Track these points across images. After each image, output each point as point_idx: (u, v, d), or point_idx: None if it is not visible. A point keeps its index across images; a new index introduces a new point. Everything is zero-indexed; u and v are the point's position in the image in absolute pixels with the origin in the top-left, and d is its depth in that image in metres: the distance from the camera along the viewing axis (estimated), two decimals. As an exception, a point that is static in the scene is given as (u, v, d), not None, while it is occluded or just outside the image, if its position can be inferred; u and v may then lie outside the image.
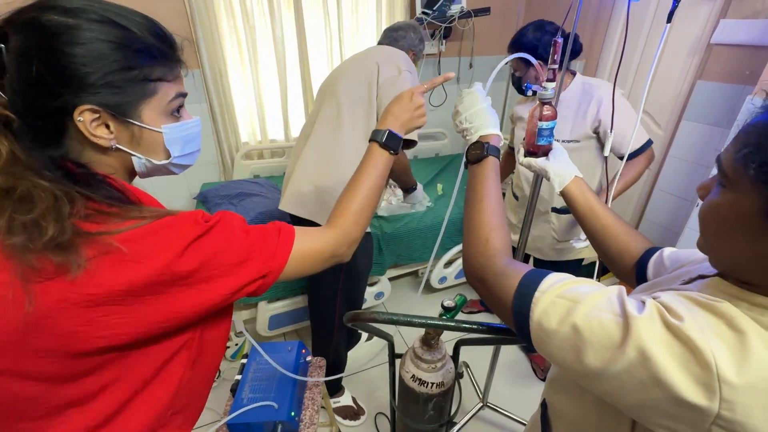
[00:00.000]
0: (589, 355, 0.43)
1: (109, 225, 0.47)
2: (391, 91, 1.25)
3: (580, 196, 0.75)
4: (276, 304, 1.83)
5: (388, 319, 0.86)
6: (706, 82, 1.89)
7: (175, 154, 0.58)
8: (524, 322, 0.49)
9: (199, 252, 0.49)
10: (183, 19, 2.04)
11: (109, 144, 0.51)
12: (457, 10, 2.45)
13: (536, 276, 0.51)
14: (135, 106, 0.51)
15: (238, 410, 1.03)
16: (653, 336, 0.40)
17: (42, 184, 0.44)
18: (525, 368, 1.90)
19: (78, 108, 0.47)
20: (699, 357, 0.37)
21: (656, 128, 2.23)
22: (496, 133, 0.70)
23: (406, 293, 2.36)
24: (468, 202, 0.65)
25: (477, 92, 0.73)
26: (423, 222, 2.00)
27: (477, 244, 0.60)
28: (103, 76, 0.47)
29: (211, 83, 2.17)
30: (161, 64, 0.52)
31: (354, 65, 1.35)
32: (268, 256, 0.56)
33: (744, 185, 0.40)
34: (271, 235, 0.58)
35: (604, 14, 2.37)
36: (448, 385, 0.99)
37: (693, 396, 0.37)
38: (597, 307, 0.44)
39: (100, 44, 0.46)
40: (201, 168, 2.47)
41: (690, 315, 0.40)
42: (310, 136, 1.33)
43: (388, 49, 1.39)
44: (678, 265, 0.62)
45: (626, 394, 0.41)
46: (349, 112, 1.28)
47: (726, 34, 1.76)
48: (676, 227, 2.14)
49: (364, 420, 1.67)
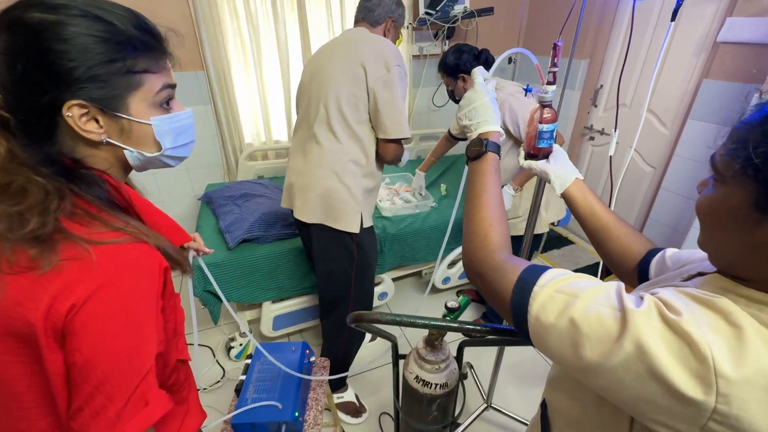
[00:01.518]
0: (586, 349, 0.43)
1: (92, 229, 0.48)
2: (383, 94, 1.23)
3: (581, 198, 0.75)
4: (280, 304, 1.83)
5: (392, 320, 0.86)
6: (712, 80, 1.87)
7: (167, 146, 0.58)
8: (522, 316, 0.49)
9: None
10: (187, 21, 2.05)
11: (100, 138, 0.51)
12: (461, 11, 2.45)
13: (535, 271, 0.51)
14: (122, 98, 0.51)
15: (242, 409, 1.03)
16: (650, 330, 0.40)
17: (36, 180, 0.46)
18: (529, 369, 1.89)
19: (66, 103, 0.48)
20: (696, 351, 0.37)
21: (662, 128, 2.21)
22: (496, 130, 0.70)
23: (409, 294, 2.35)
24: (467, 197, 0.66)
25: (478, 87, 0.73)
26: (427, 222, 1.99)
27: (476, 239, 0.60)
28: (88, 70, 0.47)
29: (215, 84, 2.18)
30: (146, 56, 0.52)
31: (338, 67, 1.26)
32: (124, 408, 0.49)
33: (733, 179, 0.41)
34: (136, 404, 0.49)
35: (608, 13, 2.36)
36: (451, 386, 0.98)
37: (690, 390, 0.37)
38: (595, 301, 0.44)
39: (84, 39, 0.47)
40: (205, 169, 2.49)
41: (688, 310, 0.40)
42: (306, 148, 1.34)
43: (369, 40, 1.28)
44: (679, 265, 0.62)
45: (623, 388, 0.42)
46: (341, 121, 1.27)
47: (732, 32, 1.74)
48: (682, 227, 2.12)
49: (365, 418, 1.67)
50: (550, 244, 2.86)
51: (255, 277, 1.72)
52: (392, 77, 1.23)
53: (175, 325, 0.63)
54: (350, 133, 1.28)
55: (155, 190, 2.42)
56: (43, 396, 0.49)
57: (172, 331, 0.61)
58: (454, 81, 1.69)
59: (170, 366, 0.62)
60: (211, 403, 1.67)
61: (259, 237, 1.74)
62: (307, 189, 1.32)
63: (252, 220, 1.78)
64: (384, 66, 1.23)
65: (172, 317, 0.61)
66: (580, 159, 2.79)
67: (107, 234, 0.49)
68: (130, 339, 0.48)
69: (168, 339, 0.59)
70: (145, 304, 0.50)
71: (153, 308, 0.52)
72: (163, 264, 0.54)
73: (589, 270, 2.57)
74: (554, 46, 0.78)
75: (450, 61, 1.65)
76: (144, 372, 0.49)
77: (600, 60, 2.48)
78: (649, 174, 2.34)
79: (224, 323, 2.06)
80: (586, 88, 2.59)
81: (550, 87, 0.77)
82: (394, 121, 1.25)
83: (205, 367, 1.86)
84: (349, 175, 1.30)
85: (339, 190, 1.29)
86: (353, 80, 1.23)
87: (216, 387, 1.76)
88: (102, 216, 0.50)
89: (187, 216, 2.59)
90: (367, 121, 1.29)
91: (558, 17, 2.58)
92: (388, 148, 1.32)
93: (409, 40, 2.57)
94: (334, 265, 1.42)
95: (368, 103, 1.26)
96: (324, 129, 1.29)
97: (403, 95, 1.28)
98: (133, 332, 0.49)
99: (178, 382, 0.66)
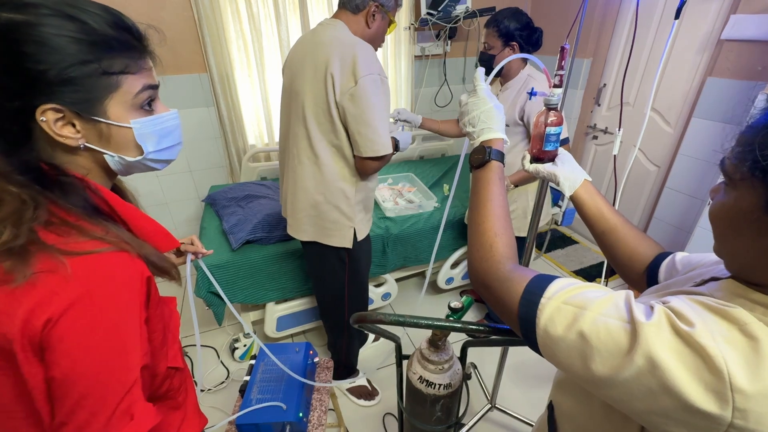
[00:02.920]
0: (596, 362, 0.42)
1: (68, 239, 0.46)
2: (351, 110, 1.11)
3: (590, 200, 0.75)
4: (284, 305, 1.84)
5: (395, 321, 0.86)
6: (716, 78, 1.86)
7: (150, 150, 0.55)
8: (531, 328, 0.49)
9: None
10: (190, 24, 2.06)
11: (77, 144, 0.49)
12: (462, 10, 2.44)
13: (542, 282, 0.50)
14: (98, 102, 0.49)
15: (246, 410, 1.04)
16: (662, 343, 0.39)
17: (9, 189, 0.44)
18: (534, 370, 1.88)
19: (39, 108, 0.45)
20: (710, 364, 0.36)
21: (666, 126, 2.20)
22: (500, 137, 0.69)
23: (413, 294, 2.35)
24: (472, 207, 0.65)
25: (481, 93, 0.72)
26: (429, 223, 1.99)
27: (482, 250, 0.59)
28: (60, 73, 0.45)
29: (218, 86, 2.19)
30: (123, 56, 0.50)
31: (308, 82, 1.16)
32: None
33: (743, 182, 0.41)
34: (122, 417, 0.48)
35: (611, 12, 2.35)
36: (455, 387, 0.98)
37: (705, 404, 0.36)
38: (604, 313, 0.44)
39: (55, 39, 0.44)
40: (209, 170, 2.50)
41: (701, 321, 0.39)
42: (291, 166, 1.28)
43: (337, 43, 1.12)
44: (690, 268, 0.61)
45: (634, 401, 0.41)
46: (321, 140, 1.20)
47: (737, 29, 1.73)
48: (687, 226, 2.11)
49: (379, 400, 1.71)
50: (554, 244, 2.85)
51: (258, 277, 1.73)
52: (360, 90, 1.08)
53: (164, 335, 0.60)
54: (333, 151, 1.21)
55: (159, 191, 2.43)
56: (31, 408, 0.47)
57: (160, 341, 0.59)
58: (503, 46, 1.49)
59: (160, 375, 0.60)
60: (215, 404, 1.68)
61: (263, 238, 1.75)
62: (295, 209, 1.30)
63: (255, 221, 1.79)
64: (351, 76, 1.09)
65: (159, 327, 0.58)
66: (583, 158, 2.78)
67: (85, 243, 0.47)
68: (110, 352, 0.47)
69: (155, 349, 0.57)
70: (125, 316, 0.48)
71: (135, 320, 0.49)
72: (145, 273, 0.52)
73: (594, 269, 2.56)
74: (561, 49, 0.77)
75: (512, 26, 1.46)
76: (128, 385, 0.48)
77: (603, 59, 2.47)
78: (654, 173, 2.33)
79: (228, 324, 2.07)
80: (589, 87, 2.58)
81: (556, 90, 0.77)
82: (364, 138, 1.13)
83: (210, 368, 1.87)
84: (336, 194, 1.25)
85: (327, 211, 1.26)
86: (324, 94, 1.13)
87: (220, 387, 1.77)
88: (80, 225, 0.48)
89: (191, 217, 2.61)
90: (343, 138, 1.20)
91: (561, 16, 2.57)
92: (364, 165, 1.20)
93: (411, 41, 2.57)
94: (326, 274, 1.43)
95: (339, 120, 1.15)
96: (306, 148, 1.22)
97: (379, 104, 1.13)
98: (114, 345, 0.47)
99: (173, 388, 0.64)
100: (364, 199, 1.32)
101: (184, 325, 2.05)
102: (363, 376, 1.74)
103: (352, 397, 1.72)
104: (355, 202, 1.28)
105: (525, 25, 1.46)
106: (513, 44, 1.47)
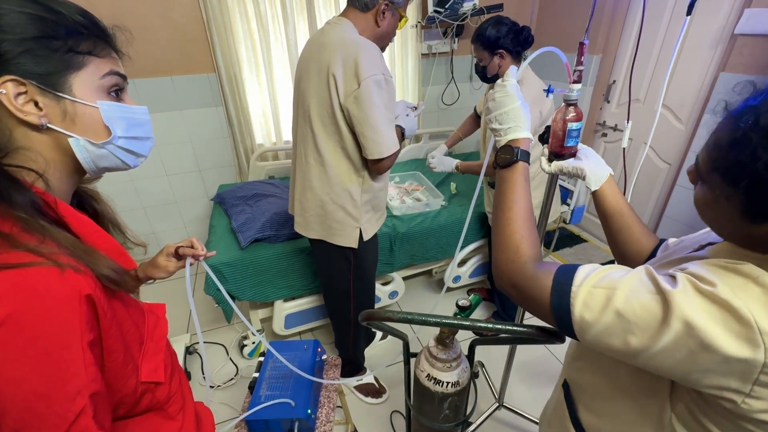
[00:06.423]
0: (636, 335, 0.45)
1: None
2: (355, 112, 1.10)
3: (612, 195, 0.75)
4: (292, 303, 1.85)
5: (403, 318, 0.86)
6: (729, 74, 1.83)
7: (118, 133, 0.52)
8: (566, 317, 0.51)
9: None
10: (198, 24, 2.08)
11: (40, 122, 0.46)
12: (470, 8, 2.43)
13: (567, 272, 0.53)
14: (62, 76, 0.47)
15: (256, 407, 1.05)
16: (692, 306, 0.42)
17: None
18: (541, 368, 1.87)
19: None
20: (737, 316, 0.40)
21: (677, 123, 2.17)
22: (527, 137, 0.69)
23: (420, 292, 2.35)
24: (497, 208, 0.65)
25: (510, 88, 0.70)
26: (437, 221, 1.99)
27: (508, 251, 0.60)
28: (21, 42, 0.43)
29: (227, 86, 2.21)
30: (89, 40, 0.49)
31: (313, 84, 1.16)
32: None
33: (710, 177, 0.47)
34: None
35: (621, 7, 2.32)
36: (463, 385, 0.98)
37: (740, 352, 0.40)
38: (633, 289, 0.47)
39: (16, 15, 0.43)
40: (218, 170, 2.53)
41: (719, 280, 0.43)
42: (300, 166, 1.30)
43: (340, 44, 1.11)
44: (680, 242, 0.66)
45: (675, 364, 0.44)
46: (327, 142, 1.20)
47: (751, 23, 1.69)
48: (698, 225, 2.07)
49: (386, 398, 1.71)
50: (562, 242, 2.83)
51: (267, 276, 1.74)
52: (363, 92, 1.07)
53: (127, 352, 0.54)
54: (338, 152, 1.21)
55: (169, 190, 2.46)
56: None
57: (121, 360, 0.53)
58: (490, 56, 1.53)
59: (131, 394, 0.56)
60: (224, 400, 1.70)
61: (271, 236, 1.76)
62: (304, 207, 1.32)
63: (263, 220, 1.81)
64: (354, 78, 1.08)
65: (118, 345, 0.52)
66: (592, 156, 2.75)
67: (11, 255, 0.41)
68: (44, 382, 0.41)
69: (116, 369, 0.52)
70: (61, 341, 0.42)
71: (74, 343, 0.44)
72: (84, 291, 0.45)
73: (603, 268, 2.53)
74: (580, 44, 0.77)
75: (490, 34, 1.49)
76: (70, 417, 0.43)
77: (612, 55, 2.44)
78: (664, 170, 2.30)
79: (237, 321, 2.09)
80: (599, 84, 2.55)
81: (576, 86, 0.77)
82: (370, 141, 1.13)
83: (219, 364, 1.90)
84: (341, 195, 1.25)
85: (333, 211, 1.27)
86: (327, 96, 1.13)
87: (230, 384, 1.79)
88: (12, 231, 0.43)
89: (200, 216, 2.64)
90: (350, 140, 1.20)
91: (570, 11, 2.55)
92: (374, 166, 1.21)
93: (418, 39, 2.57)
94: (333, 272, 1.45)
95: (344, 123, 1.16)
96: (312, 148, 1.23)
97: (384, 105, 1.12)
98: (47, 374, 0.42)
99: (158, 401, 0.60)
100: (371, 200, 1.32)
101: (190, 326, 2.08)
102: (370, 373, 1.75)
103: (360, 394, 1.73)
104: (361, 203, 1.29)
105: (508, 30, 1.48)
106: (499, 51, 1.51)
